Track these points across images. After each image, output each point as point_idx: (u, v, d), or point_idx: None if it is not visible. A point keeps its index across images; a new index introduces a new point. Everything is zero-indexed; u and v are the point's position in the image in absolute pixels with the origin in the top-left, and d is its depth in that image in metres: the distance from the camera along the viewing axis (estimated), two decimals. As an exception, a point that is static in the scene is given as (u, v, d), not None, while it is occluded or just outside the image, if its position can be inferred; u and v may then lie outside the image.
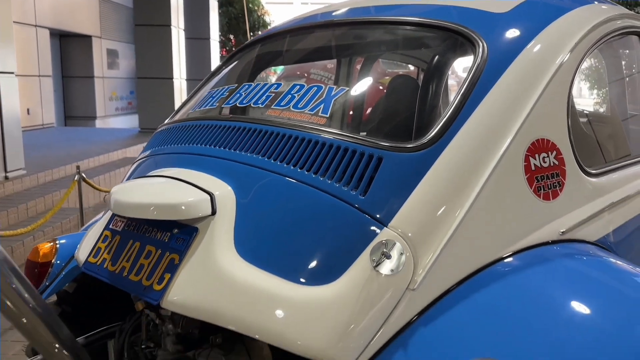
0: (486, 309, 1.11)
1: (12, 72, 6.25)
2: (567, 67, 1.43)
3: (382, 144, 1.22)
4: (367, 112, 1.62)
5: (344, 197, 1.17)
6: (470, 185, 1.19)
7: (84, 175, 5.14)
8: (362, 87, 1.94)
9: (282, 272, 1.12)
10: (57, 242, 1.84)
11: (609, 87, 2.21)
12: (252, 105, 1.47)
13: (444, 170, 1.19)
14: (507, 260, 1.21)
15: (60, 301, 1.91)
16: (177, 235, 1.22)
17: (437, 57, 1.51)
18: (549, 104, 1.36)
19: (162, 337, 1.35)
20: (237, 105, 1.51)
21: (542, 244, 1.28)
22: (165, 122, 1.77)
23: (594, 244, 1.41)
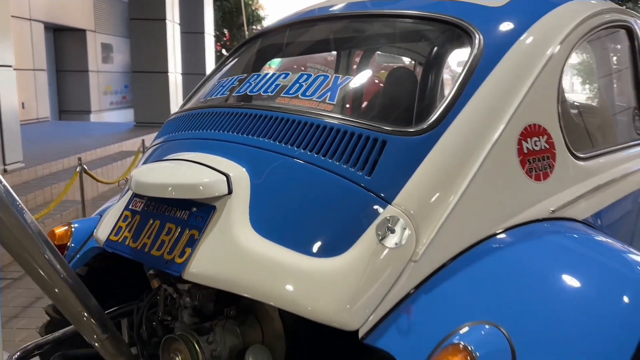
0: (481, 278, 1.21)
1: (10, 66, 6.29)
2: (557, 58, 1.54)
3: (386, 128, 1.32)
4: (371, 99, 1.72)
5: (351, 178, 1.26)
6: (467, 166, 1.29)
7: (85, 167, 5.20)
8: (366, 76, 2.03)
9: (294, 245, 1.21)
10: (72, 225, 1.92)
11: (598, 79, 2.31)
12: (262, 93, 1.56)
13: (443, 152, 1.29)
14: (502, 235, 1.31)
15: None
16: (195, 213, 1.30)
17: (436, 48, 1.61)
18: (540, 92, 1.46)
19: (179, 311, 1.43)
20: (248, 93, 1.60)
21: (534, 221, 1.38)
22: (176, 111, 1.85)
23: (581, 222, 1.52)
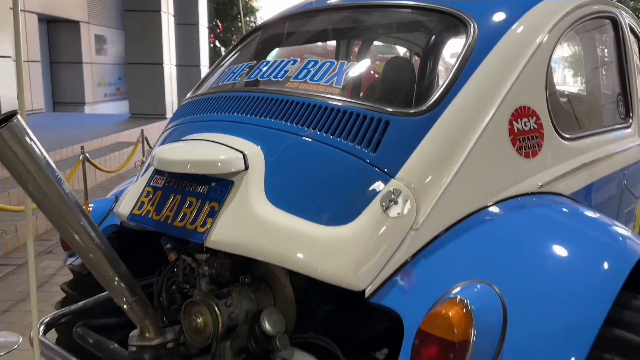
0: (475, 244, 1.33)
1: (9, 57, 6.35)
2: (545, 46, 1.66)
3: (388, 110, 1.44)
4: (374, 84, 1.83)
5: (357, 154, 1.38)
6: (463, 144, 1.42)
7: (87, 155, 5.28)
8: (369, 63, 2.15)
9: (307, 215, 1.33)
10: (89, 205, 2.03)
11: (584, 66, 2.45)
12: (272, 79, 1.67)
13: (441, 132, 1.41)
14: (494, 206, 1.44)
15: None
16: (215, 187, 1.42)
17: (434, 36, 1.73)
18: (530, 77, 1.58)
19: (197, 279, 1.55)
20: (259, 79, 1.71)
21: (523, 195, 1.51)
22: (188, 96, 1.96)
23: (567, 197, 1.65)
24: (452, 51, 1.63)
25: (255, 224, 1.33)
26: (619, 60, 2.29)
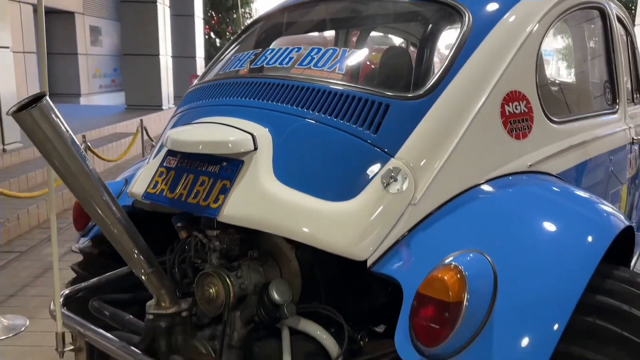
0: (469, 217, 1.43)
1: (7, 47, 6.39)
2: (535, 34, 1.76)
3: (388, 94, 1.54)
4: (375, 70, 1.93)
5: (360, 135, 1.48)
6: (457, 126, 1.52)
7: (89, 144, 5.35)
8: (369, 50, 2.24)
9: (313, 192, 1.43)
10: None
11: (573, 54, 2.55)
12: (277, 65, 1.76)
13: (437, 114, 1.51)
14: (486, 184, 1.54)
15: (97, 243, 2.20)
16: (226, 167, 1.51)
17: (431, 25, 1.82)
18: (520, 63, 1.68)
19: (208, 254, 1.64)
20: (264, 65, 1.80)
21: (513, 174, 1.62)
22: (195, 83, 2.05)
23: (555, 176, 1.76)
24: (447, 39, 1.73)
25: (265, 199, 1.43)
26: (606, 49, 2.40)
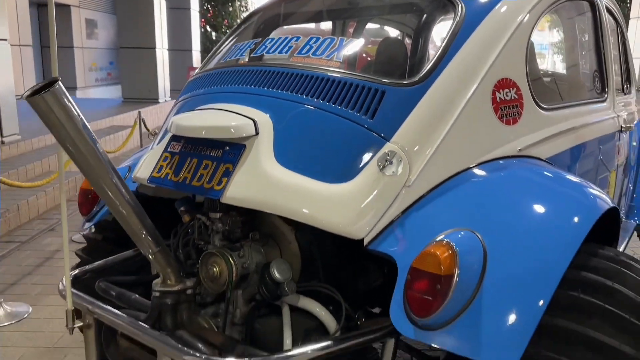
0: (460, 198, 1.50)
1: (5, 39, 6.41)
2: (526, 24, 1.83)
3: (384, 81, 1.60)
4: (372, 58, 1.99)
5: (357, 121, 1.54)
6: (450, 112, 1.59)
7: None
8: (365, 40, 2.31)
9: (312, 174, 1.49)
10: None
11: (564, 44, 2.62)
12: (277, 54, 1.82)
13: (431, 100, 1.58)
14: (477, 167, 1.61)
15: (101, 229, 2.26)
16: (228, 151, 1.57)
17: (425, 15, 1.89)
18: (511, 52, 1.75)
19: (211, 236, 1.71)
20: (265, 54, 1.86)
21: (504, 157, 1.69)
22: (197, 72, 2.11)
23: (544, 160, 1.83)
24: (441, 29, 1.80)
25: (266, 181, 1.49)
26: (595, 40, 2.47)
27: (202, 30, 17.45)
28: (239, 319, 1.64)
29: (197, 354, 1.34)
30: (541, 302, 1.27)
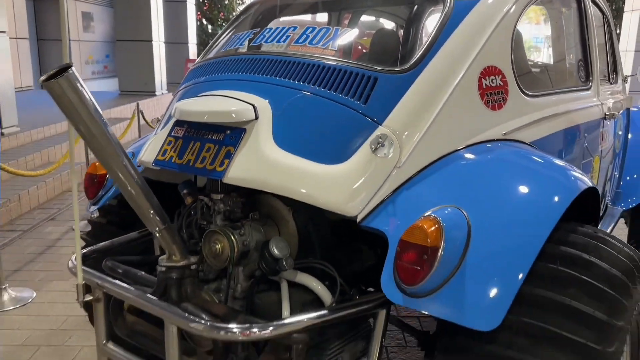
0: (448, 178, 1.60)
1: (4, 32, 6.46)
2: (511, 15, 1.92)
3: (377, 68, 1.69)
4: (365, 47, 2.09)
5: (351, 106, 1.64)
6: (439, 97, 1.68)
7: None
8: (359, 30, 2.40)
9: (309, 156, 1.59)
10: None
11: (550, 34, 2.72)
12: (275, 43, 1.91)
13: (421, 87, 1.68)
14: (464, 149, 1.71)
15: (106, 213, 2.35)
16: (229, 135, 1.67)
17: (416, 6, 1.98)
18: (497, 41, 1.85)
19: (213, 216, 1.80)
20: (263, 43, 1.95)
21: (489, 141, 1.79)
22: (197, 61, 2.20)
23: (528, 144, 1.93)
24: (431, 19, 1.89)
25: (266, 163, 1.59)
26: (580, 30, 2.57)
27: (198, 23, 17.47)
28: (239, 293, 1.74)
29: (202, 321, 1.44)
30: (520, 273, 1.37)
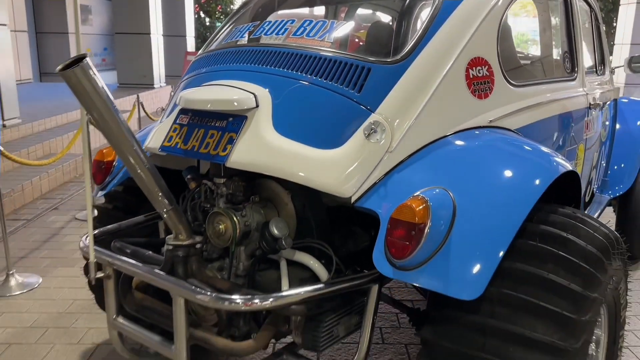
0: (436, 162, 1.71)
1: (5, 24, 6.53)
2: (498, 9, 2.03)
3: (370, 59, 1.80)
4: (362, 39, 2.20)
5: (346, 94, 1.75)
6: (428, 86, 1.79)
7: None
8: (354, 23, 2.50)
9: (307, 141, 1.70)
10: None
11: (538, 27, 2.82)
12: (274, 35, 2.02)
13: (412, 76, 1.78)
14: (452, 135, 1.83)
15: (112, 199, 2.46)
16: (232, 122, 1.77)
17: (408, 0, 2.09)
18: (483, 34, 1.95)
19: (216, 199, 1.91)
20: (263, 35, 2.05)
21: (476, 127, 1.90)
22: (199, 53, 2.30)
23: (513, 131, 2.05)
24: (422, 12, 1.99)
25: (266, 148, 1.69)
26: (567, 22, 2.67)
27: (196, 15, 17.51)
28: (241, 271, 1.85)
29: (208, 293, 1.55)
30: (500, 249, 1.49)
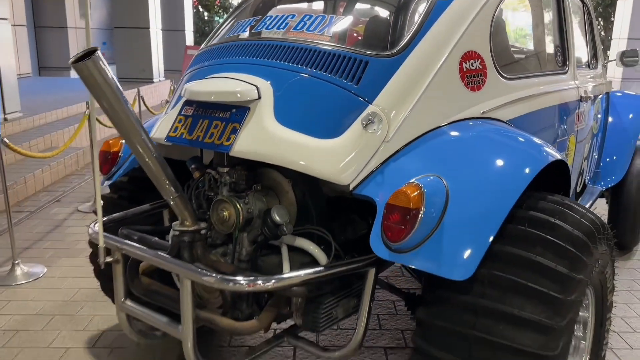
0: (430, 151, 1.79)
1: (6, 19, 6.58)
2: (491, 4, 2.11)
3: (368, 52, 1.88)
4: (358, 33, 2.27)
5: (345, 86, 1.82)
6: (423, 79, 1.87)
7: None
8: (352, 18, 2.57)
9: (307, 131, 1.77)
10: (122, 139, 2.45)
11: (532, 21, 2.89)
12: (275, 29, 2.09)
13: (408, 69, 1.86)
14: (446, 126, 1.91)
15: (117, 189, 2.54)
16: (235, 113, 1.85)
17: None
18: (477, 28, 2.03)
19: (219, 187, 1.98)
20: (264, 30, 2.13)
21: (469, 118, 1.98)
22: (202, 47, 2.37)
23: (505, 122, 2.13)
24: (418, 7, 2.07)
25: (268, 137, 1.77)
26: (558, 17, 2.75)
27: (195, 10, 17.53)
28: (244, 256, 1.93)
29: (214, 274, 1.63)
30: (489, 233, 1.57)
